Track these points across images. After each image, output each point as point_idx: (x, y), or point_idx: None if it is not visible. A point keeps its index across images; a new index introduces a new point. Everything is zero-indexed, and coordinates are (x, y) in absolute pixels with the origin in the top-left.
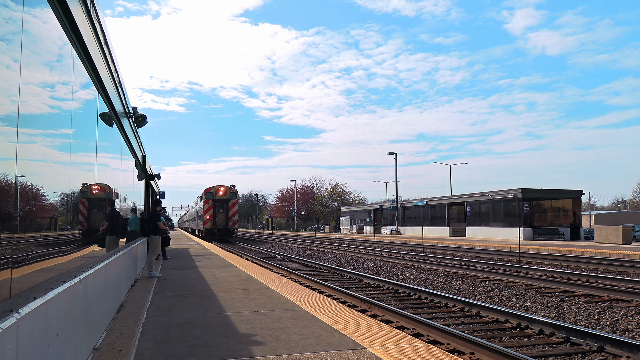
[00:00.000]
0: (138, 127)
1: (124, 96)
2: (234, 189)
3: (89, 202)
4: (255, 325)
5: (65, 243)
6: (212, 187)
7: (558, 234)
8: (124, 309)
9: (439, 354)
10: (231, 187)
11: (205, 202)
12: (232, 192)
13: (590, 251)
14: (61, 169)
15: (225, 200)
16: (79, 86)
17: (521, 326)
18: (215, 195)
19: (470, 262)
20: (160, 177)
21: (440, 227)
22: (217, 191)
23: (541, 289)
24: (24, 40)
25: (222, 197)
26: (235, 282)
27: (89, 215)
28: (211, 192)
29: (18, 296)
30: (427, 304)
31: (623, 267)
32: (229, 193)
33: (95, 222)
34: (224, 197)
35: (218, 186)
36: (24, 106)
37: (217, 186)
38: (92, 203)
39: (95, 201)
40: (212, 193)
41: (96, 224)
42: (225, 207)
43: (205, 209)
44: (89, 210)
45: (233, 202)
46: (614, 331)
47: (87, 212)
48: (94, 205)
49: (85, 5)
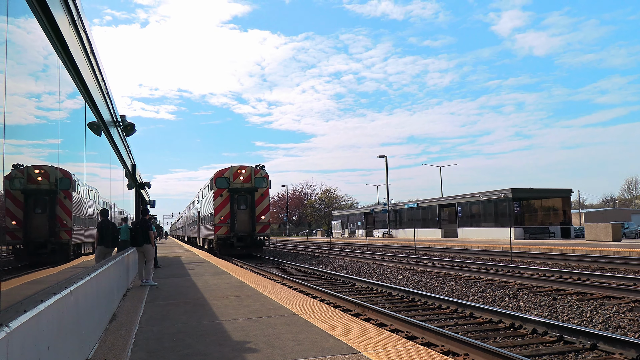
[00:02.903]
0: (127, 136)
1: (112, 105)
2: (264, 171)
3: (26, 197)
4: (249, 332)
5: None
6: (226, 169)
7: (549, 233)
8: (116, 319)
9: (434, 356)
10: (258, 169)
11: (216, 195)
12: (260, 177)
13: (580, 249)
14: None
15: (250, 191)
16: (66, 96)
17: (514, 326)
18: (232, 183)
19: (463, 263)
20: (150, 185)
21: (431, 229)
22: (237, 175)
23: (533, 288)
24: (8, 50)
25: (244, 184)
26: (228, 289)
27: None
28: (226, 178)
29: (7, 309)
30: (420, 306)
31: (614, 264)
32: (254, 178)
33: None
34: (246, 184)
35: (237, 167)
36: (9, 117)
37: (235, 167)
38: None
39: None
40: (228, 179)
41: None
42: (250, 201)
43: (217, 206)
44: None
45: (262, 192)
46: (607, 328)
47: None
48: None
49: (71, 15)
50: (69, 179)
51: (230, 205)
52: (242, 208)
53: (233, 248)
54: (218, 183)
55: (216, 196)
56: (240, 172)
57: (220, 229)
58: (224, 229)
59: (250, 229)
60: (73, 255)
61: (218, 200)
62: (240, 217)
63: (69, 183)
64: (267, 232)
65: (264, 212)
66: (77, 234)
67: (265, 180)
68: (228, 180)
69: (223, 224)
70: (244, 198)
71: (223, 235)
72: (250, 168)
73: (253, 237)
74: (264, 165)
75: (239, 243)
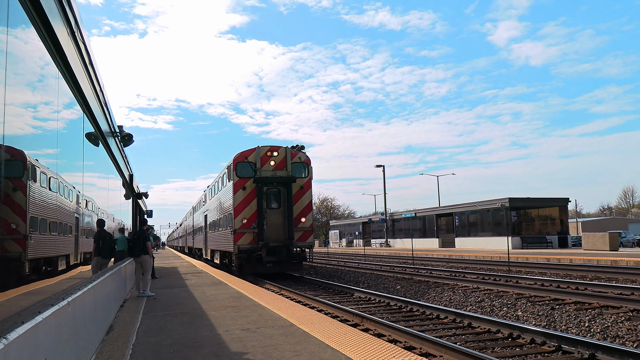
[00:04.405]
0: (125, 146)
1: (109, 115)
2: (303, 153)
3: None
4: (246, 343)
5: None
6: (251, 151)
7: (546, 242)
8: (114, 330)
9: None
10: (296, 151)
11: (236, 188)
12: (298, 163)
13: (578, 258)
14: None
15: (285, 181)
16: (64, 106)
17: (513, 336)
18: (260, 170)
19: (461, 273)
20: (147, 195)
21: (429, 239)
22: (266, 158)
23: (532, 298)
24: (7, 60)
25: (276, 172)
26: (226, 300)
27: None
28: (250, 164)
29: (5, 321)
30: (418, 316)
31: (611, 273)
32: (291, 164)
33: None
34: (280, 172)
35: (267, 148)
36: (8, 127)
37: (264, 148)
38: None
39: None
40: (253, 165)
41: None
42: (285, 196)
43: (238, 203)
44: None
45: (302, 184)
46: (605, 338)
47: None
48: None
49: (70, 26)
50: (21, 162)
51: (257, 203)
52: (273, 207)
53: (261, 264)
54: (240, 170)
55: (237, 189)
56: (271, 155)
57: (242, 236)
58: (248, 237)
59: (286, 237)
60: (35, 275)
61: (239, 195)
62: (272, 219)
63: (21, 168)
64: (309, 241)
65: (304, 212)
66: (39, 244)
67: (306, 167)
68: (254, 167)
69: (247, 229)
70: (276, 192)
71: (247, 246)
72: (285, 149)
73: (290, 249)
74: (303, 146)
75: (269, 257)
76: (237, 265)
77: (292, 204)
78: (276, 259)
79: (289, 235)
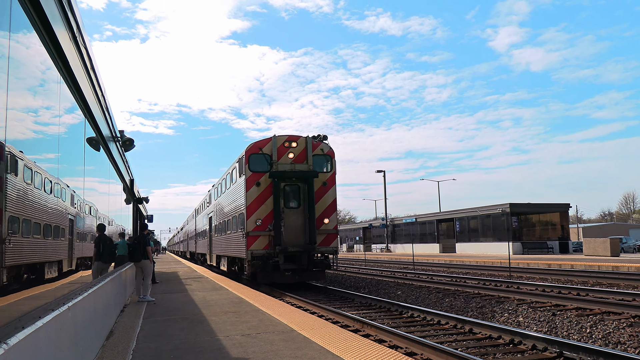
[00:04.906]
0: (126, 151)
1: (111, 120)
2: (326, 145)
3: None
4: (247, 348)
5: None
6: (266, 141)
7: (547, 248)
8: (114, 335)
9: None
10: (318, 141)
11: (249, 183)
12: (321, 155)
13: (579, 264)
14: None
15: (305, 176)
16: (65, 111)
17: (514, 342)
18: (277, 163)
19: (462, 279)
20: (148, 200)
21: (430, 244)
22: (284, 150)
23: (533, 304)
24: (9, 65)
25: (295, 166)
26: (226, 305)
27: None
28: (265, 156)
29: (6, 326)
30: (419, 321)
31: (612, 279)
32: (312, 156)
33: None
34: (300, 166)
35: (284, 138)
36: (10, 132)
37: (281, 137)
38: None
39: None
40: (269, 157)
41: None
42: (306, 194)
43: (251, 202)
44: None
45: (325, 180)
46: (607, 344)
47: None
48: None
49: (72, 31)
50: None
51: (273, 201)
52: (292, 206)
53: (278, 273)
54: (253, 163)
55: (250, 185)
56: (289, 146)
57: (256, 240)
58: (263, 241)
59: (307, 241)
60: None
61: (253, 192)
62: (290, 220)
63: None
64: (333, 245)
65: (327, 212)
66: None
67: (330, 160)
68: (269, 159)
69: (261, 231)
70: (295, 189)
71: (261, 252)
72: (305, 139)
73: (311, 255)
74: (326, 136)
75: (288, 265)
76: (249, 273)
77: (313, 202)
78: (296, 266)
79: (311, 239)
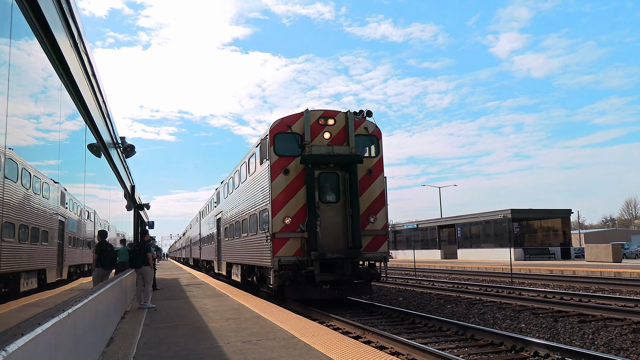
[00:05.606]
0: (127, 157)
1: (112, 127)
2: (372, 123)
3: None
4: (247, 355)
5: None
6: (297, 117)
7: (549, 254)
8: (114, 342)
9: None
10: (361, 118)
11: (274, 170)
12: (365, 135)
13: (581, 270)
14: None
15: (346, 162)
16: (66, 117)
17: (516, 348)
18: (311, 146)
19: (463, 285)
20: (149, 206)
21: (431, 250)
22: (318, 128)
23: (535, 310)
24: (10, 72)
25: (332, 148)
26: (227, 312)
27: None
28: (294, 136)
29: (5, 333)
30: (421, 328)
31: (615, 285)
32: (354, 137)
33: None
34: (339, 148)
35: (319, 113)
36: (10, 138)
37: (315, 112)
38: None
39: None
40: (299, 137)
41: None
42: (347, 184)
43: (277, 194)
44: None
45: (371, 167)
46: (609, 350)
47: None
48: None
49: (73, 38)
50: None
51: (306, 193)
52: (329, 200)
53: (313, 287)
54: (279, 145)
55: (275, 173)
56: (324, 124)
57: (284, 244)
58: (294, 245)
59: (350, 245)
60: None
61: (280, 181)
62: (328, 218)
63: None
64: (382, 250)
65: (374, 208)
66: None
67: (376, 141)
68: (300, 140)
69: (291, 232)
70: (333, 178)
71: (291, 259)
72: (345, 115)
73: (355, 263)
74: (370, 112)
75: (325, 275)
76: (276, 286)
77: (357, 195)
78: (335, 277)
79: (355, 242)
